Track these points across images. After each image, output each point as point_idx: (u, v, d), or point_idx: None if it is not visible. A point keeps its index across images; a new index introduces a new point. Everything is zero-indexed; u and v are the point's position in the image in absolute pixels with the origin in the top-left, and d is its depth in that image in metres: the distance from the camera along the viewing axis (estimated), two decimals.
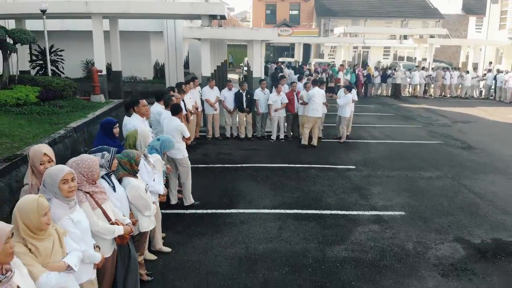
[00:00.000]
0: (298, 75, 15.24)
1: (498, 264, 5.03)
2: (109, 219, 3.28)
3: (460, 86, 21.69)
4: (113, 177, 3.71)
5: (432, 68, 24.00)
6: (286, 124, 11.43)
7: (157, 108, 6.93)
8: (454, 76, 21.37)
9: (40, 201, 2.54)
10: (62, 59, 14.58)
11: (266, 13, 39.43)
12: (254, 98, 11.12)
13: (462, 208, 6.77)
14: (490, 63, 24.89)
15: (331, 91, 18.29)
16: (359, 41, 28.79)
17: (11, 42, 9.08)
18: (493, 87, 21.29)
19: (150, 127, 6.43)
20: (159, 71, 18.27)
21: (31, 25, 12.49)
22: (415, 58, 28.62)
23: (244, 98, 11.06)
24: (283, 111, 11.05)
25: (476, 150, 10.79)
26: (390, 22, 38.53)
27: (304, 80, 12.53)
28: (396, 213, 6.47)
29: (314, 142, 10.71)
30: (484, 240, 5.64)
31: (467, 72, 21.98)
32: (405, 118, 15.36)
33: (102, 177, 3.53)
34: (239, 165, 8.86)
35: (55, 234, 2.67)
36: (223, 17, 12.28)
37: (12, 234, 2.23)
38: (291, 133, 11.52)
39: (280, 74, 18.05)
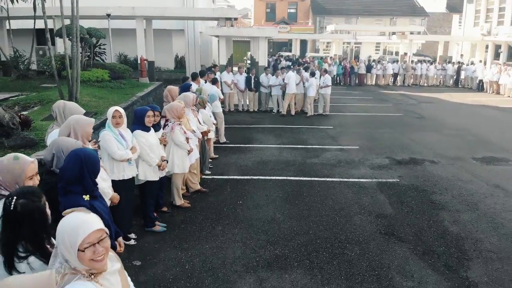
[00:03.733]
0: (290, 64, 18.96)
1: (407, 166, 8.70)
2: (200, 122, 6.98)
3: (426, 76, 25.44)
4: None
5: (412, 61, 27.65)
6: (283, 101, 15.07)
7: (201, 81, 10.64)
8: (424, 67, 25.12)
9: (181, 104, 6.20)
10: (104, 52, 18.18)
11: (266, 12, 42.97)
12: (260, 81, 14.80)
13: (398, 146, 10.45)
14: (462, 55, 28.56)
15: None
16: (350, 37, 32.46)
17: (88, 37, 12.69)
18: (462, 77, 24.91)
19: None
20: (179, 62, 21.94)
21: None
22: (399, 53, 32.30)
23: (253, 81, 14.71)
24: (281, 91, 14.67)
25: (426, 119, 14.47)
26: (380, 19, 42.06)
27: (297, 68, 16.20)
28: (353, 147, 10.17)
29: (292, 112, 14.33)
30: (403, 158, 9.33)
31: (431, 63, 25.70)
32: (381, 100, 19.02)
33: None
34: (251, 126, 12.57)
35: (186, 120, 6.34)
36: (235, 19, 15.90)
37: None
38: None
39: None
